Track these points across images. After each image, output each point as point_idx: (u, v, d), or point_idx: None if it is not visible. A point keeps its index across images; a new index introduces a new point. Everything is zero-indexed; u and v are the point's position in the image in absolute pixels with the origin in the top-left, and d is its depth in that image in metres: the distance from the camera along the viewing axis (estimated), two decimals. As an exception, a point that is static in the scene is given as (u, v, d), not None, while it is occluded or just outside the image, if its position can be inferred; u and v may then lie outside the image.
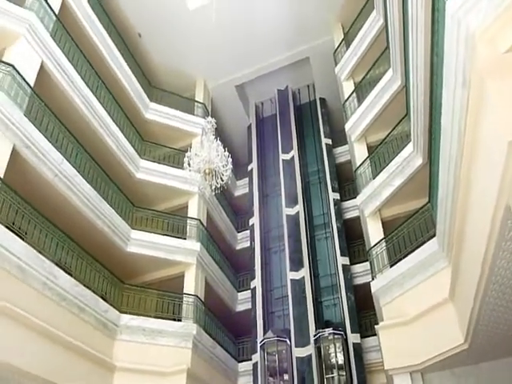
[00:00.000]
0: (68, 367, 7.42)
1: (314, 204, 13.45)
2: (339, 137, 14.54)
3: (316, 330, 10.59)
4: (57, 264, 7.70)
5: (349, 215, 13.06)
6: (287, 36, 14.22)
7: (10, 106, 7.87)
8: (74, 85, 10.08)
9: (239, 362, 12.53)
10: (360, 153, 11.49)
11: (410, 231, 8.82)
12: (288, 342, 10.93)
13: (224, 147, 7.79)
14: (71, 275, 8.05)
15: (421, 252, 8.19)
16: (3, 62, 8.33)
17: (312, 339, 10.59)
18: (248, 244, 14.03)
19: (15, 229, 7.13)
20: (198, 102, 15.04)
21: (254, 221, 13.73)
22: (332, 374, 10.04)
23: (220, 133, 10.41)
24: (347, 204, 13.27)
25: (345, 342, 10.39)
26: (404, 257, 8.65)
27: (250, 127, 16.24)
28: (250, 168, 15.12)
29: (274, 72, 15.49)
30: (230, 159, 7.71)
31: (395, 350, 8.17)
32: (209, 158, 7.44)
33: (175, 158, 12.75)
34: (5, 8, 8.93)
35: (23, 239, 7.19)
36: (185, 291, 10.88)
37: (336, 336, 10.28)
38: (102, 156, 10.69)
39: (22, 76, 8.41)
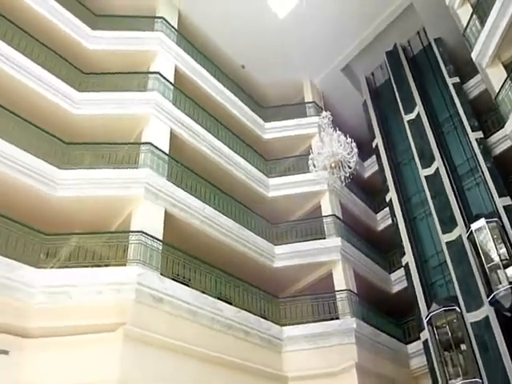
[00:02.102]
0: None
1: (454, 153, 11.59)
2: (465, 72, 12.42)
3: (488, 292, 8.98)
4: (219, 298, 8.38)
5: (498, 150, 11.02)
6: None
7: (155, 177, 8.90)
8: (199, 136, 10.80)
9: (407, 343, 11.61)
10: (496, 76, 9.72)
11: None
12: (457, 309, 9.53)
13: (344, 134, 7.16)
14: (232, 304, 8.65)
15: None
16: (143, 143, 9.43)
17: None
18: (390, 221, 12.84)
19: (180, 279, 8.03)
20: (307, 102, 14.48)
21: (391, 195, 12.49)
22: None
23: (337, 122, 9.76)
24: (493, 138, 11.20)
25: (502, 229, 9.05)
26: None
27: (365, 103, 14.88)
28: (374, 144, 13.86)
29: (376, 37, 13.93)
30: (353, 144, 7.11)
31: None
32: (332, 152, 7.03)
33: (299, 163, 12.46)
34: (137, 98, 10.01)
35: (188, 285, 8.04)
36: (336, 288, 10.59)
37: (490, 224, 9.08)
38: (236, 189, 11.17)
39: (159, 149, 9.40)
